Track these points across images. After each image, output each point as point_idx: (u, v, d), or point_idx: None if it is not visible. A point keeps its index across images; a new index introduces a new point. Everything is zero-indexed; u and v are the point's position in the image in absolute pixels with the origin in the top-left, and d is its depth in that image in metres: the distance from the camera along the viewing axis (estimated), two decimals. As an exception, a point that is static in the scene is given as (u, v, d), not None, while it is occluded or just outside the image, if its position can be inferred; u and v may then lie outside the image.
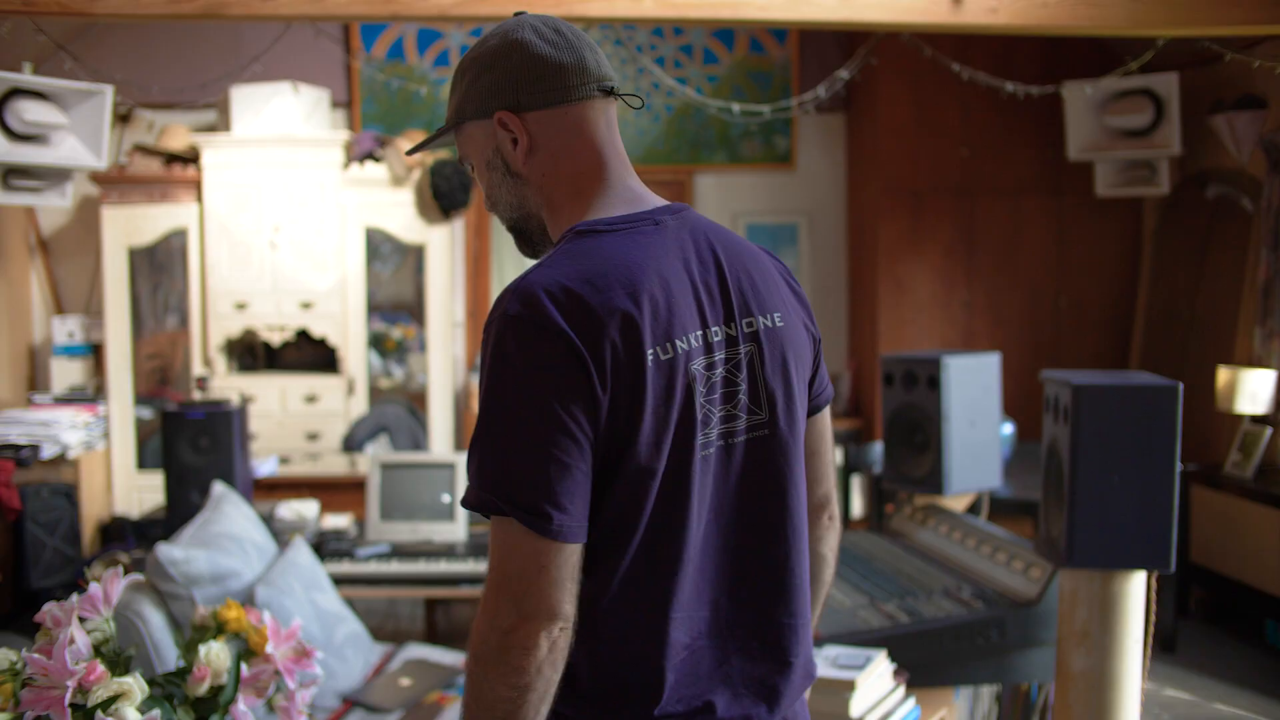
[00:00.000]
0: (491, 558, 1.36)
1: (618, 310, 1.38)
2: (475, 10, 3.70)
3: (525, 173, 1.53)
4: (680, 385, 1.42)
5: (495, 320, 1.37)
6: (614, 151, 1.55)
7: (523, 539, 1.33)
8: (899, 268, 5.94)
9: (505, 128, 1.51)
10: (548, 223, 1.55)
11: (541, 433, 1.34)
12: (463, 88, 1.55)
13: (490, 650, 1.33)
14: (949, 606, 2.93)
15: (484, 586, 1.36)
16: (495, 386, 1.36)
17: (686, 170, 6.44)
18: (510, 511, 1.32)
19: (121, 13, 3.53)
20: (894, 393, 3.61)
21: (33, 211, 5.99)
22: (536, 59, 1.50)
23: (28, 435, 5.18)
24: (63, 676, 2.05)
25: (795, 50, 6.30)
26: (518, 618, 1.32)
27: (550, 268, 1.41)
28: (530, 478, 1.33)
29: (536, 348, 1.34)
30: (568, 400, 1.34)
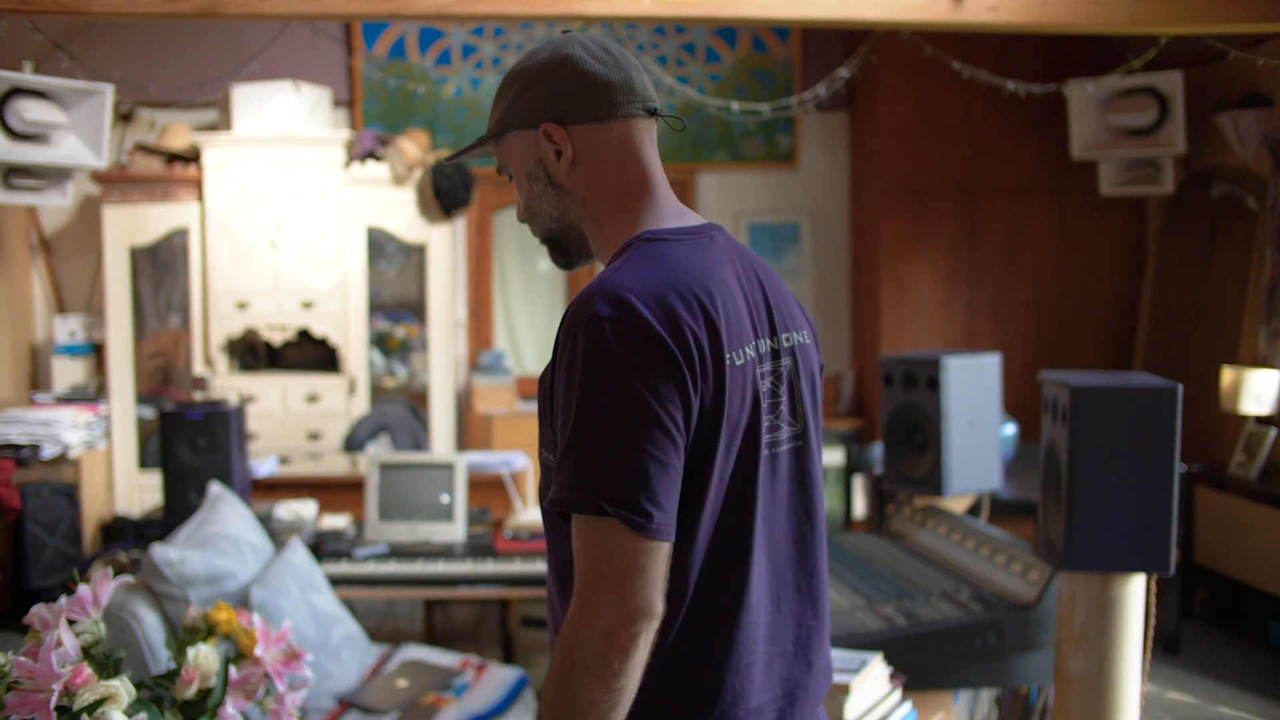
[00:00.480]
0: (584, 559, 1.36)
1: (701, 315, 1.42)
2: (474, 9, 3.68)
3: (568, 184, 1.56)
4: (750, 391, 1.49)
5: (583, 322, 1.38)
6: (657, 169, 1.59)
7: (623, 539, 1.34)
8: (901, 267, 5.92)
9: (550, 139, 1.54)
10: (591, 235, 1.58)
11: (643, 432, 1.36)
12: (509, 98, 1.57)
13: (590, 654, 1.33)
14: (947, 609, 2.91)
15: (577, 589, 1.36)
16: (593, 387, 1.36)
17: (688, 169, 6.42)
18: (612, 512, 1.34)
19: (118, 11, 3.52)
20: (893, 393, 3.59)
21: (35, 210, 5.99)
22: (585, 74, 1.54)
23: (28, 435, 5.18)
24: (48, 680, 2.04)
25: (798, 49, 6.28)
26: (619, 619, 1.33)
27: (629, 272, 1.44)
28: (632, 477, 1.35)
29: (634, 349, 1.37)
30: (665, 401, 1.38)
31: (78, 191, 5.88)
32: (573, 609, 1.36)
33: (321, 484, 5.49)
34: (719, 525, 1.47)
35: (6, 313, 5.78)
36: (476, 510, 4.67)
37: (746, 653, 1.49)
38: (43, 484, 5.05)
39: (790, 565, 1.58)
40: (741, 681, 1.49)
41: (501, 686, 3.51)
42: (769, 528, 1.53)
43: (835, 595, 3.08)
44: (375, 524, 4.25)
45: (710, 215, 6.46)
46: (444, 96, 6.28)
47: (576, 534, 1.38)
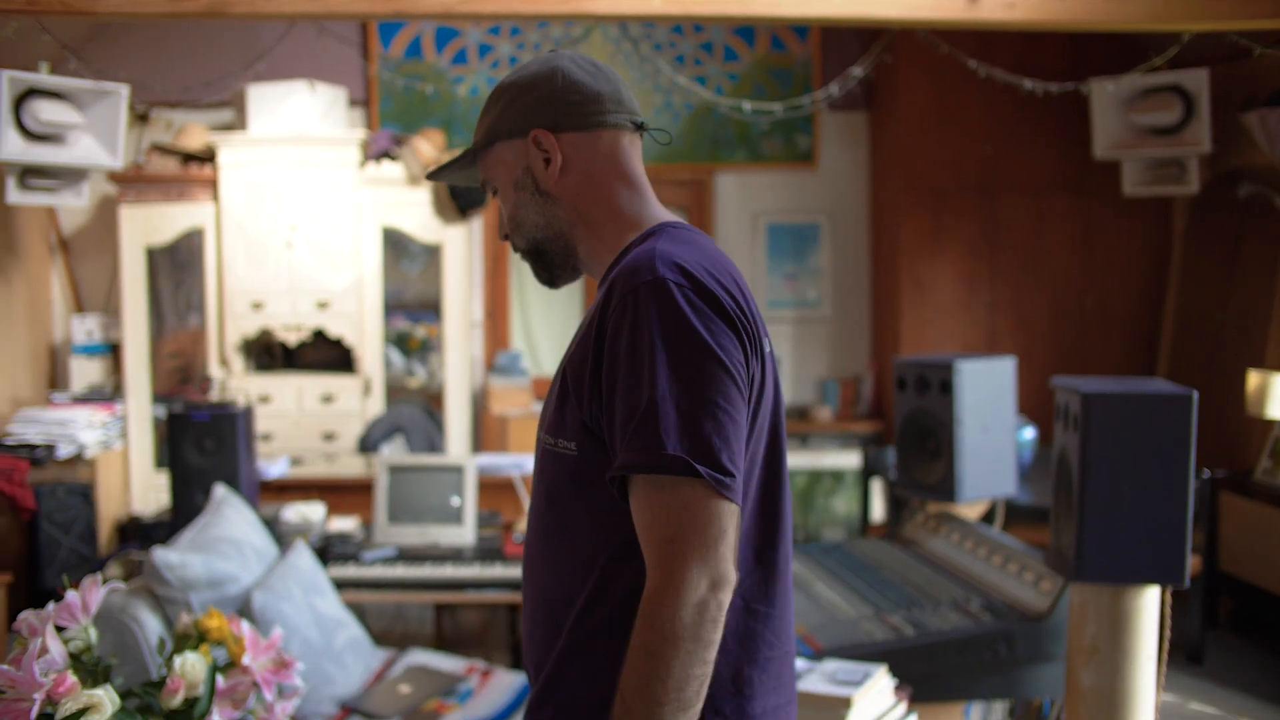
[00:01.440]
0: (667, 527, 1.32)
1: (739, 296, 1.43)
2: (481, 8, 3.65)
3: (556, 191, 1.56)
4: (773, 380, 1.50)
5: (645, 285, 1.36)
6: (645, 181, 1.60)
7: (709, 501, 1.31)
8: (921, 268, 5.85)
9: (539, 146, 1.55)
10: (582, 240, 1.58)
11: (721, 390, 1.35)
12: (498, 109, 1.58)
13: (685, 628, 1.29)
14: (956, 619, 2.85)
15: (659, 559, 1.31)
16: (663, 346, 1.34)
17: (706, 169, 6.36)
18: (703, 472, 1.30)
19: (124, 11, 3.51)
20: (906, 397, 3.53)
21: (53, 211, 6.00)
22: (575, 83, 1.56)
23: (45, 434, 5.18)
24: (31, 689, 2.01)
25: (817, 48, 6.22)
26: (710, 587, 1.30)
27: (671, 246, 1.43)
28: (715, 436, 1.33)
29: (701, 308, 1.36)
30: (736, 363, 1.37)
31: (95, 191, 5.89)
32: (654, 581, 1.31)
33: (335, 485, 5.47)
34: (760, 511, 1.46)
35: (25, 312, 5.79)
36: (487, 513, 4.64)
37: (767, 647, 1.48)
38: (58, 484, 5.04)
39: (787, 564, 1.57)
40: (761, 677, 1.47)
41: (506, 692, 3.47)
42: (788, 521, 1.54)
43: (842, 604, 3.03)
44: (384, 527, 4.22)
45: (729, 216, 6.42)
46: (460, 96, 6.25)
47: (652, 501, 1.33)
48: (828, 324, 6.46)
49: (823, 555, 3.52)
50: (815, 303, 6.44)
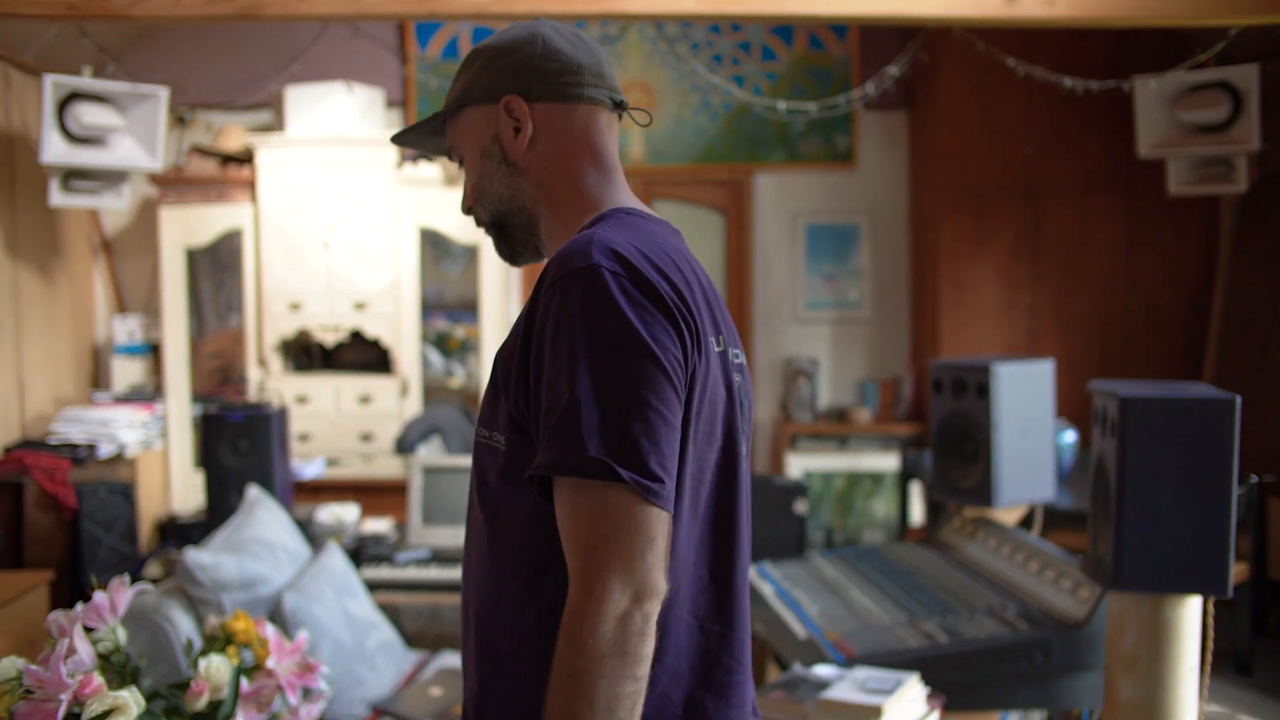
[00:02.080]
0: (588, 536, 1.22)
1: (686, 286, 1.34)
2: (513, 8, 3.63)
3: (523, 163, 1.48)
4: (724, 384, 1.39)
5: (578, 272, 1.27)
6: (617, 162, 1.52)
7: (634, 507, 1.21)
8: (961, 269, 5.78)
9: (510, 113, 1.47)
10: (544, 218, 1.50)
11: (652, 388, 1.25)
12: (472, 72, 1.51)
13: (607, 644, 1.18)
14: (992, 626, 2.80)
15: (579, 569, 1.22)
16: (597, 339, 1.24)
17: (745, 169, 6.32)
18: (627, 476, 1.21)
19: (161, 14, 3.53)
20: (943, 400, 3.48)
21: (96, 212, 6.06)
22: (555, 51, 1.48)
23: (87, 434, 5.23)
24: (57, 689, 2.02)
25: (855, 47, 6.16)
26: (633, 600, 1.20)
27: (614, 231, 1.34)
28: (642, 438, 1.23)
29: (636, 301, 1.26)
30: (671, 359, 1.27)
31: (137, 193, 5.94)
32: (577, 593, 1.21)
33: (371, 486, 5.49)
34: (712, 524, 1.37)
35: (69, 313, 5.85)
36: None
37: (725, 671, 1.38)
38: (99, 483, 5.09)
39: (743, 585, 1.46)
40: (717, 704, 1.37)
41: (538, 696, 3.45)
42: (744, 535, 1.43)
43: (876, 609, 2.98)
44: (418, 528, 4.21)
45: (767, 216, 6.37)
46: (499, 97, 6.24)
47: (574, 506, 1.24)
48: (867, 325, 6.40)
49: (858, 559, 3.48)
50: (855, 304, 6.38)
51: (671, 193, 6.45)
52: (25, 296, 5.40)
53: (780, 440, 6.19)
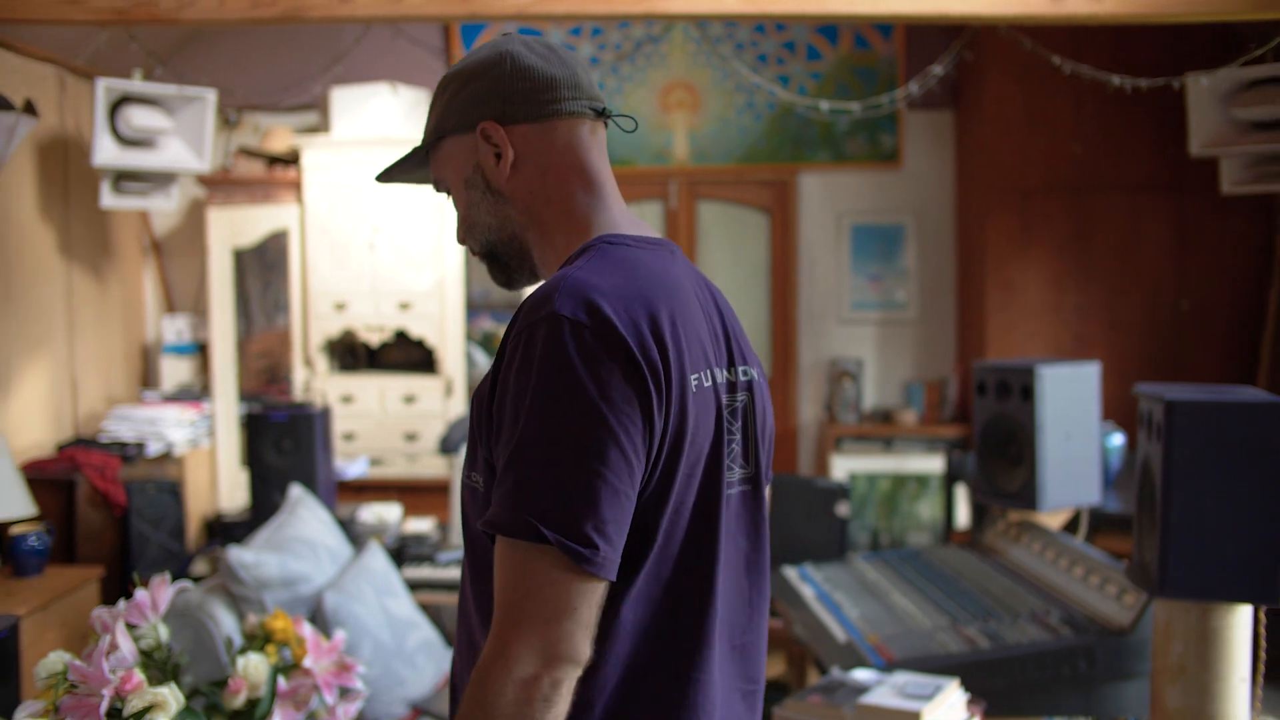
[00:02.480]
0: (508, 592, 1.20)
1: (668, 327, 1.28)
2: (553, 8, 3.63)
3: (508, 190, 1.43)
4: (711, 420, 1.34)
5: (542, 320, 1.23)
6: (607, 174, 1.46)
7: (557, 571, 1.18)
8: (1008, 269, 5.71)
9: (488, 140, 1.41)
10: (535, 244, 1.45)
11: (598, 452, 1.20)
12: (443, 102, 1.45)
13: (506, 704, 1.17)
14: (1034, 632, 2.77)
15: (496, 626, 1.20)
16: (546, 395, 1.20)
17: (789, 169, 6.29)
18: (553, 539, 1.17)
19: (207, 18, 3.57)
20: (986, 403, 3.44)
21: (146, 213, 6.14)
22: (525, 69, 1.41)
23: (136, 432, 5.30)
24: (100, 684, 2.04)
25: (901, 46, 6.11)
26: (541, 665, 1.17)
27: (592, 271, 1.29)
28: (580, 501, 1.19)
29: (596, 357, 1.21)
30: (625, 418, 1.22)
31: (185, 194, 6.01)
32: (489, 648, 1.20)
33: (415, 486, 5.52)
34: (676, 571, 1.31)
35: (120, 313, 5.93)
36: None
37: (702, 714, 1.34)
38: (148, 480, 5.15)
39: (738, 624, 1.43)
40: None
41: (578, 697, 3.45)
42: (726, 577, 1.38)
43: (917, 613, 2.96)
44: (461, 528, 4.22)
45: (812, 216, 6.33)
46: (543, 97, 6.25)
47: (502, 562, 1.21)
48: (913, 326, 6.35)
49: (900, 562, 3.45)
50: (900, 304, 6.33)
51: (716, 193, 6.44)
52: (78, 296, 5.48)
53: (825, 442, 6.16)
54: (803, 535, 4.15)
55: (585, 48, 6.21)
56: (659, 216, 6.45)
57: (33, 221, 5.15)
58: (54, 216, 5.29)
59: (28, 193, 5.10)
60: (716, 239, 6.47)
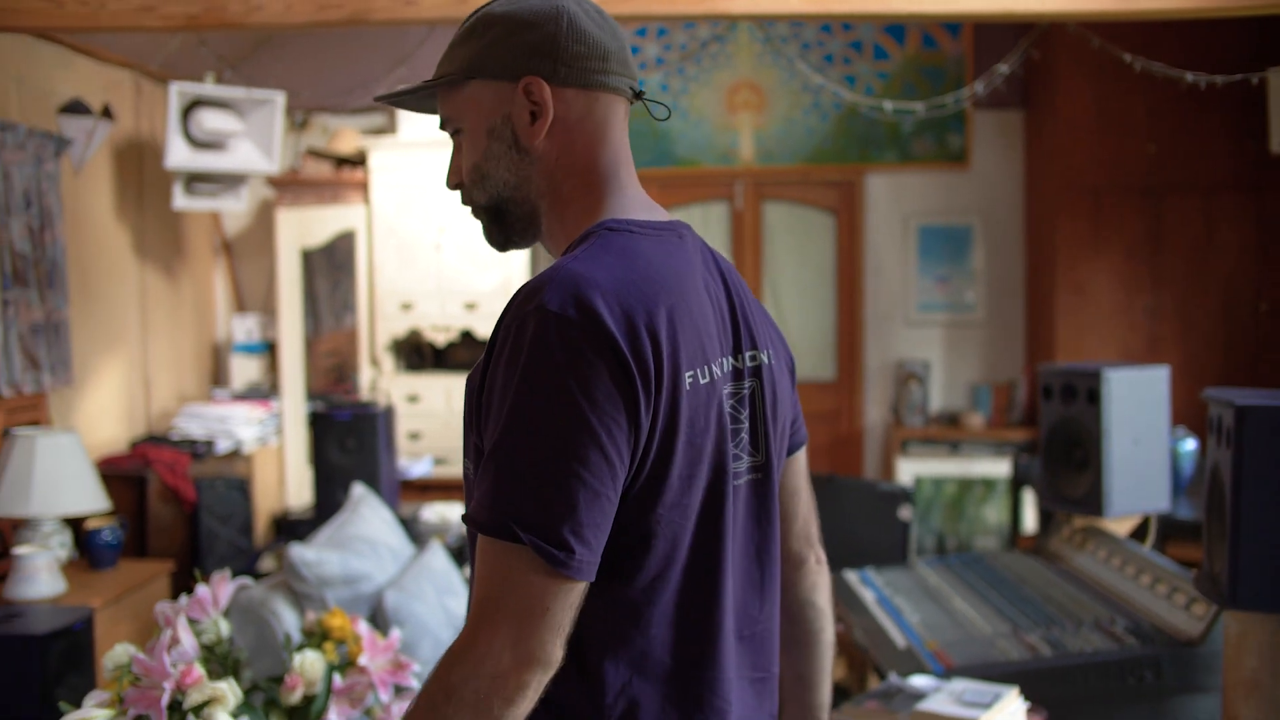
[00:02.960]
0: (484, 588, 1.18)
1: (664, 323, 1.25)
2: (618, 9, 3.63)
3: (535, 151, 1.36)
4: (714, 414, 1.31)
5: (531, 313, 1.20)
6: (628, 155, 1.42)
7: (532, 572, 1.16)
8: (1079, 271, 5.61)
9: (530, 96, 1.34)
10: (546, 212, 1.40)
11: (577, 453, 1.17)
12: (483, 42, 1.36)
13: (471, 694, 1.15)
14: (1098, 641, 2.71)
15: (470, 619, 1.19)
16: (528, 392, 1.18)
17: (856, 170, 6.24)
18: (527, 540, 1.15)
19: (273, 22, 3.62)
20: (1052, 406, 3.38)
21: (217, 214, 6.25)
22: (582, 32, 1.36)
23: (206, 430, 5.40)
24: (161, 677, 2.07)
25: (969, 45, 6.03)
26: (511, 663, 1.15)
27: (590, 262, 1.26)
28: (556, 503, 1.16)
29: (582, 354, 1.18)
30: (609, 419, 1.19)
31: (255, 195, 6.10)
32: (461, 638, 1.18)
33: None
34: (683, 570, 1.30)
35: (191, 312, 6.05)
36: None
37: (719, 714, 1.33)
38: (217, 478, 5.24)
39: (748, 613, 1.40)
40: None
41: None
42: (734, 571, 1.36)
43: (978, 619, 2.91)
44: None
45: (879, 217, 6.28)
46: (608, 98, 6.26)
47: (481, 556, 1.19)
48: (981, 328, 6.26)
49: (962, 567, 3.40)
50: (968, 306, 6.25)
51: (781, 194, 6.40)
52: (151, 296, 5.59)
53: (890, 445, 6.10)
54: (864, 538, 4.11)
55: (651, 48, 6.21)
56: (725, 217, 6.43)
57: (109, 223, 5.26)
58: (129, 218, 5.40)
59: (104, 195, 5.22)
60: (782, 240, 6.44)
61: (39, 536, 4.20)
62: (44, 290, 4.58)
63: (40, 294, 4.56)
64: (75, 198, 4.93)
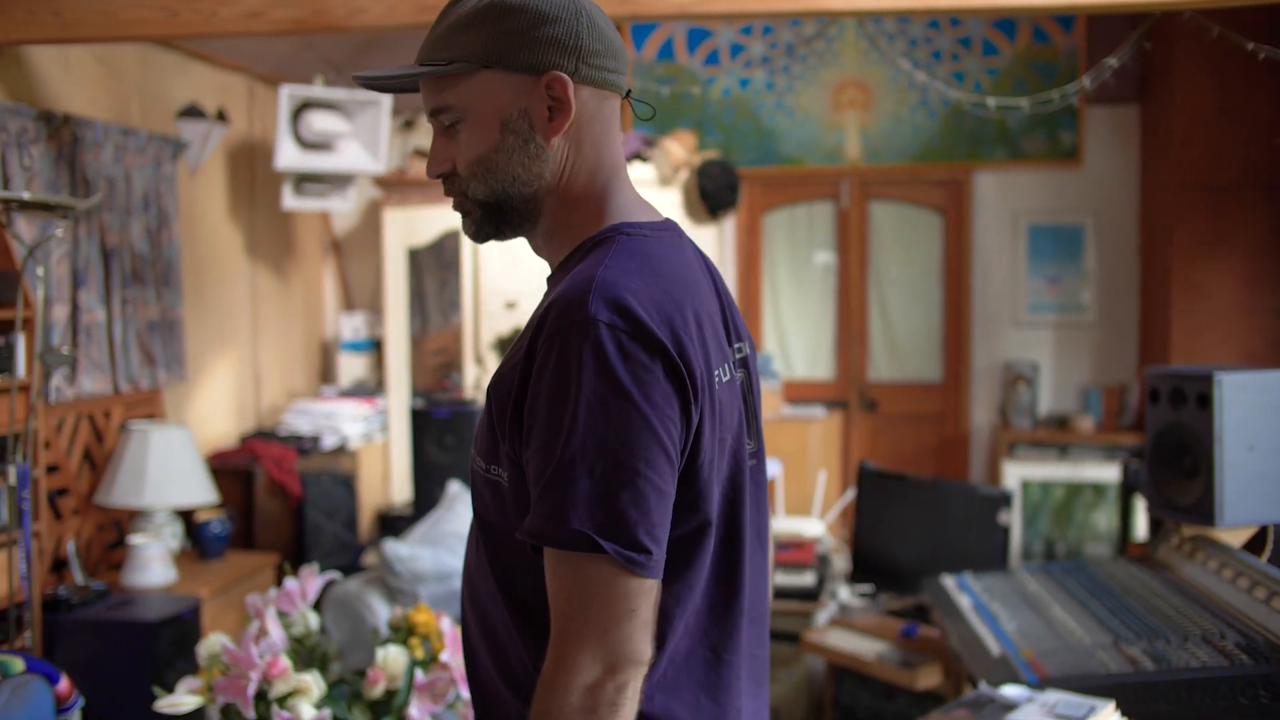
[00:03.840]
0: (564, 604, 1.20)
1: (694, 325, 1.28)
2: (715, 7, 3.61)
3: (550, 148, 1.35)
4: (736, 408, 1.37)
5: (577, 324, 1.21)
6: (623, 156, 1.44)
7: (614, 578, 1.18)
8: (1196, 271, 5.41)
9: (551, 92, 1.33)
10: (551, 211, 1.39)
11: (646, 457, 1.20)
12: (503, 29, 1.32)
13: (574, 712, 1.17)
14: (1206, 656, 2.60)
15: (556, 636, 1.20)
16: (593, 403, 1.19)
17: (964, 168, 6.12)
18: (611, 550, 1.18)
19: (377, 24, 3.67)
20: (1159, 410, 3.26)
21: (327, 214, 6.38)
22: (600, 30, 1.36)
23: (313, 426, 5.51)
24: (248, 667, 2.12)
25: (1083, 39, 5.86)
26: (605, 670, 1.18)
27: (619, 271, 1.27)
28: (630, 508, 1.19)
29: (637, 361, 1.20)
30: (667, 420, 1.22)
31: (362, 195, 6.21)
32: (550, 660, 1.20)
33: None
34: (712, 561, 1.33)
35: (301, 310, 6.19)
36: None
37: (736, 696, 1.37)
38: (323, 473, 5.35)
39: (753, 595, 1.43)
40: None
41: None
42: (748, 557, 1.39)
43: (1077, 629, 2.82)
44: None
45: (989, 217, 6.15)
46: (712, 97, 6.25)
47: (556, 572, 1.21)
48: (1092, 329, 6.09)
49: (1064, 575, 3.30)
50: (1080, 307, 6.08)
51: (888, 193, 6.31)
52: (261, 294, 5.73)
53: (997, 447, 5.97)
54: (963, 543, 4.02)
55: (756, 46, 6.17)
56: (830, 217, 6.36)
57: (222, 223, 5.41)
58: (241, 218, 5.55)
59: (218, 195, 5.37)
60: (888, 240, 6.35)
61: (153, 527, 4.33)
62: (160, 289, 4.73)
63: (156, 293, 4.70)
64: (190, 199, 5.08)
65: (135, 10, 3.79)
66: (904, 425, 6.33)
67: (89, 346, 4.32)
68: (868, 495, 4.52)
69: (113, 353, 4.46)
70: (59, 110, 4.19)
